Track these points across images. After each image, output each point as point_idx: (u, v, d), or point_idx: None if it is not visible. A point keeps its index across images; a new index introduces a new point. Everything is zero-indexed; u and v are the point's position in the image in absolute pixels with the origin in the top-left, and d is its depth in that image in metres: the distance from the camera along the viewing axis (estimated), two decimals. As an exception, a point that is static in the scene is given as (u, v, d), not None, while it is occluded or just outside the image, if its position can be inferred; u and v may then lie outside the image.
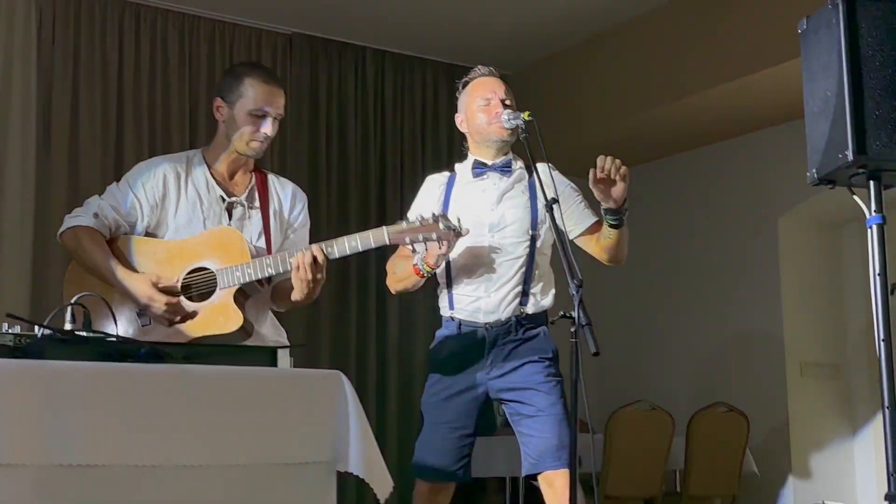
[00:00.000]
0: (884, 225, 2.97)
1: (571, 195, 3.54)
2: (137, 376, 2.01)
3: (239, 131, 3.19)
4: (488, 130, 3.50)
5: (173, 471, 1.99)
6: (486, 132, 3.51)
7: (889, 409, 2.86)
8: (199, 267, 3.04)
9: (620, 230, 3.44)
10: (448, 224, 3.02)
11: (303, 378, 2.22)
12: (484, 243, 3.39)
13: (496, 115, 3.45)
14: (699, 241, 7.13)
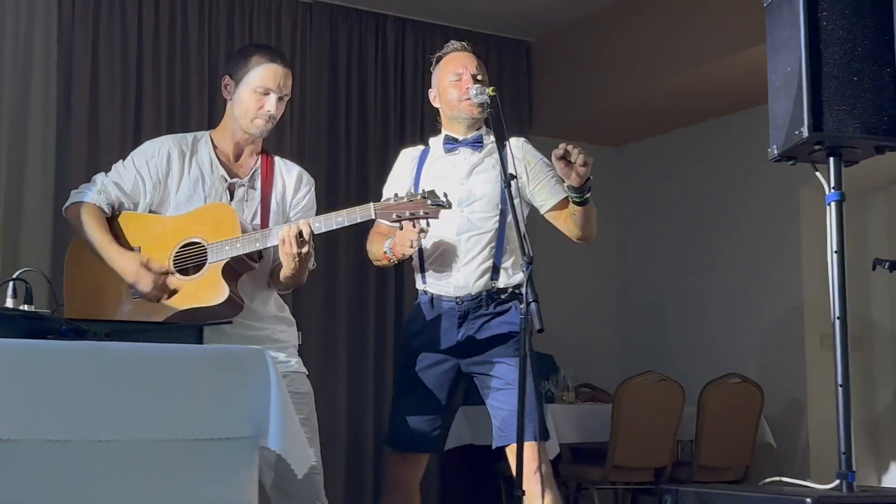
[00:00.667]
0: (842, 202, 2.94)
1: (543, 170, 3.55)
2: (55, 352, 2.07)
3: (244, 109, 3.22)
4: (459, 106, 3.51)
5: (89, 445, 2.05)
6: (456, 108, 3.53)
7: (841, 387, 2.85)
8: (192, 241, 3.09)
9: (585, 208, 3.44)
10: (436, 200, 3.03)
11: (226, 355, 2.27)
12: (453, 218, 3.41)
13: (466, 91, 3.45)
14: (720, 212, 7.08)
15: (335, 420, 6.13)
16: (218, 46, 6.28)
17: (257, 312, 3.19)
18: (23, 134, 5.66)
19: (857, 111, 2.87)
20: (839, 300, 2.91)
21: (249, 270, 3.14)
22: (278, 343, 3.21)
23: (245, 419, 2.22)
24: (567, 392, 6.21)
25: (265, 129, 3.25)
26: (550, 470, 3.46)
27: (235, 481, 2.20)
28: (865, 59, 2.90)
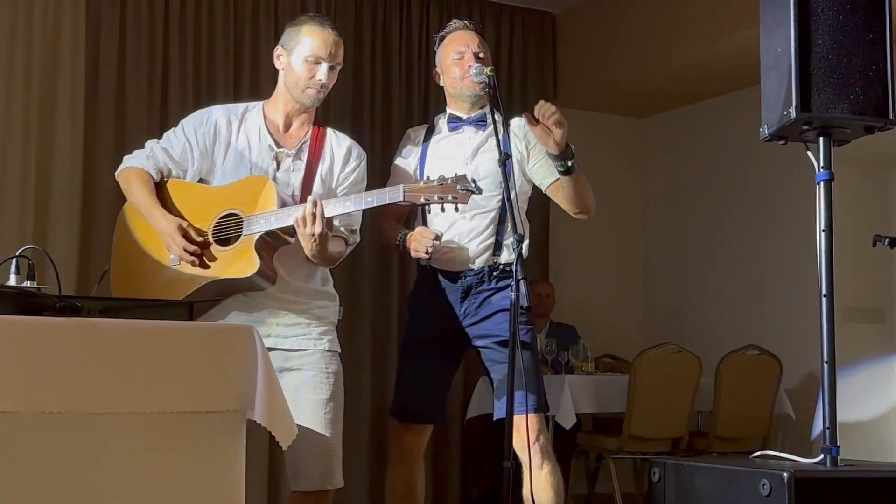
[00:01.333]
0: (831, 182, 2.98)
1: (542, 148, 3.59)
2: (50, 328, 2.17)
3: (296, 78, 3.23)
4: (461, 85, 3.57)
5: (82, 417, 2.16)
6: (458, 86, 3.58)
7: (826, 363, 2.90)
8: (231, 213, 3.13)
9: (573, 178, 3.48)
10: (466, 186, 3.03)
11: (214, 332, 2.37)
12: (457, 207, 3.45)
13: (468, 69, 3.51)
14: (743, 183, 7.09)
15: (360, 393, 6.22)
16: (243, 21, 6.37)
17: (298, 287, 3.21)
18: (51, 110, 5.78)
19: (847, 92, 2.90)
20: (826, 278, 2.94)
21: (285, 245, 3.14)
22: (317, 319, 3.24)
23: (232, 393, 2.31)
24: (586, 363, 6.27)
25: (317, 99, 3.26)
26: (549, 441, 3.54)
27: (223, 453, 2.30)
28: (856, 40, 2.92)
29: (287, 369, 3.13)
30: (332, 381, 3.19)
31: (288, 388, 3.08)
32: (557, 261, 7.48)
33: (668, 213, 7.78)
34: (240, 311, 3.15)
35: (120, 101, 5.99)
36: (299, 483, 3.12)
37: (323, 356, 3.20)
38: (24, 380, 2.12)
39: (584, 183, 3.55)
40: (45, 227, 5.71)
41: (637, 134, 7.96)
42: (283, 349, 3.15)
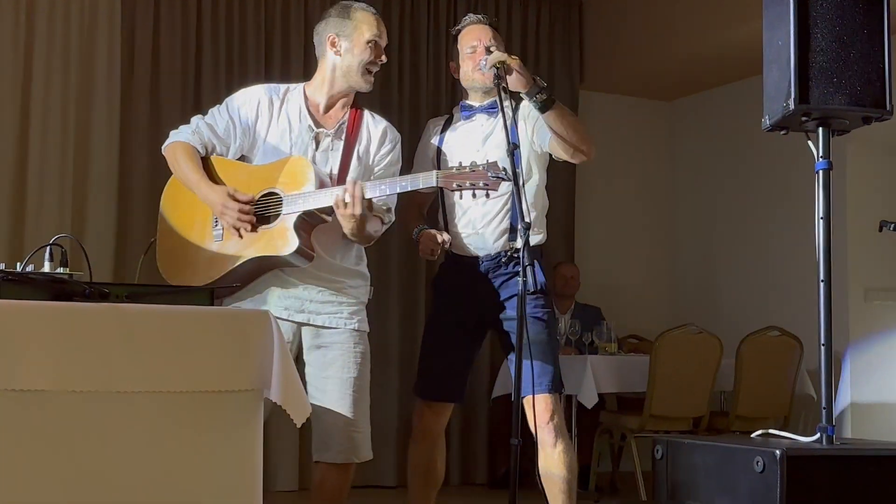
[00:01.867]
0: (830, 171, 3.08)
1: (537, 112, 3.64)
2: (80, 313, 2.34)
3: (359, 63, 3.35)
4: (472, 77, 3.69)
5: (110, 396, 2.32)
6: (470, 79, 3.70)
7: (823, 346, 3.01)
8: (271, 191, 3.26)
9: (553, 112, 3.52)
10: (496, 173, 3.12)
11: (233, 316, 2.53)
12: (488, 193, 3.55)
13: (478, 62, 3.62)
14: (769, 165, 7.15)
15: (388, 372, 6.38)
16: (274, 5, 6.50)
17: (333, 265, 3.34)
18: (88, 97, 5.97)
19: (844, 83, 3.00)
20: (824, 264, 3.06)
21: (322, 223, 3.26)
22: (349, 298, 3.36)
23: (250, 374, 2.47)
24: (610, 343, 6.39)
25: (371, 83, 3.40)
26: (563, 421, 3.66)
27: (241, 430, 2.46)
28: (854, 34, 3.02)
29: (317, 346, 3.28)
30: (359, 361, 3.32)
31: (317, 366, 3.26)
32: (584, 242, 7.59)
33: (694, 195, 7.86)
34: (276, 286, 3.29)
35: (154, 86, 6.16)
36: (324, 455, 3.27)
37: (351, 336, 3.33)
38: (56, 361, 2.28)
39: (566, 116, 3.58)
40: (83, 213, 5.91)
41: (664, 117, 8.04)
42: (315, 325, 3.29)
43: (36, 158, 5.82)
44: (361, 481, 6.44)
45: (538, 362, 3.56)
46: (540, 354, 3.58)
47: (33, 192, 5.79)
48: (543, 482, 3.58)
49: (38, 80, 5.86)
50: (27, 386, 2.25)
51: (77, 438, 2.29)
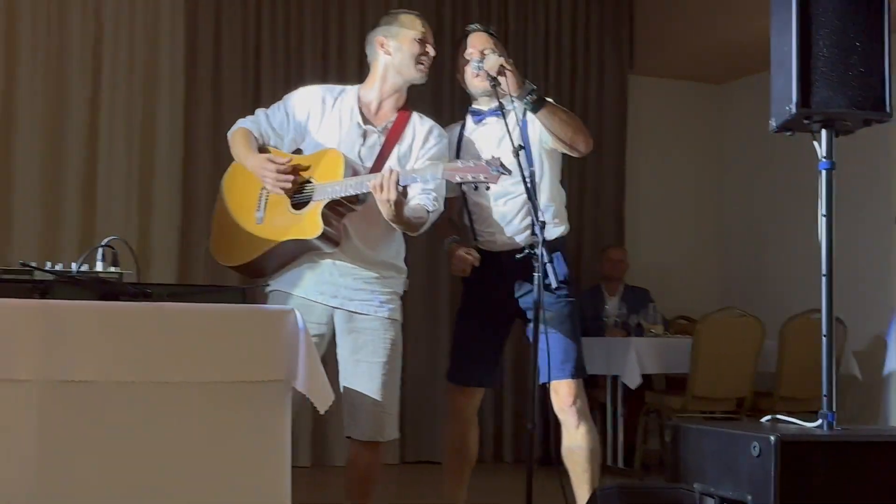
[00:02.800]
0: (832, 170, 3.24)
1: None
2: (126, 311, 2.61)
3: (409, 57, 3.60)
4: (472, 83, 3.89)
5: (153, 386, 2.59)
6: (470, 85, 3.91)
7: (825, 336, 3.18)
8: (307, 180, 3.52)
9: (544, 112, 3.73)
10: (496, 168, 3.32)
11: (263, 313, 2.79)
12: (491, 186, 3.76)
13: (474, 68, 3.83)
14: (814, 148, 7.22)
15: (437, 362, 6.62)
16: (330, 3, 6.75)
17: (367, 255, 3.56)
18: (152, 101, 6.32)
19: (846, 88, 3.15)
20: (826, 259, 3.22)
21: (350, 211, 3.50)
22: (381, 288, 3.58)
23: (278, 365, 2.72)
24: (656, 325, 6.56)
25: (425, 75, 3.63)
26: (585, 405, 3.86)
27: (271, 416, 2.72)
28: (855, 40, 3.16)
29: (349, 330, 3.53)
30: (388, 347, 3.55)
31: (348, 349, 3.52)
32: (634, 225, 7.76)
33: (743, 178, 7.96)
34: (313, 271, 3.55)
35: (217, 88, 6.48)
36: (353, 431, 3.52)
37: (382, 323, 3.56)
38: (104, 354, 2.55)
39: (557, 114, 3.78)
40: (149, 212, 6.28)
41: (713, 100, 8.13)
42: (348, 310, 3.53)
43: (104, 162, 6.19)
44: (414, 457, 6.75)
45: (561, 348, 3.77)
46: (562, 342, 3.79)
47: (102, 193, 6.17)
48: (567, 462, 3.80)
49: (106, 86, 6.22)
50: (80, 377, 2.53)
51: (124, 423, 2.57)
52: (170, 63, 6.35)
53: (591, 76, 7.63)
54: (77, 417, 2.53)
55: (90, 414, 2.54)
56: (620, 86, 7.72)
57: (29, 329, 2.49)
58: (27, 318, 2.50)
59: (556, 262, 3.85)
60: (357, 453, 3.55)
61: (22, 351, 2.48)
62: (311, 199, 3.45)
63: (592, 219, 7.50)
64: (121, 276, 2.87)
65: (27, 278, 2.64)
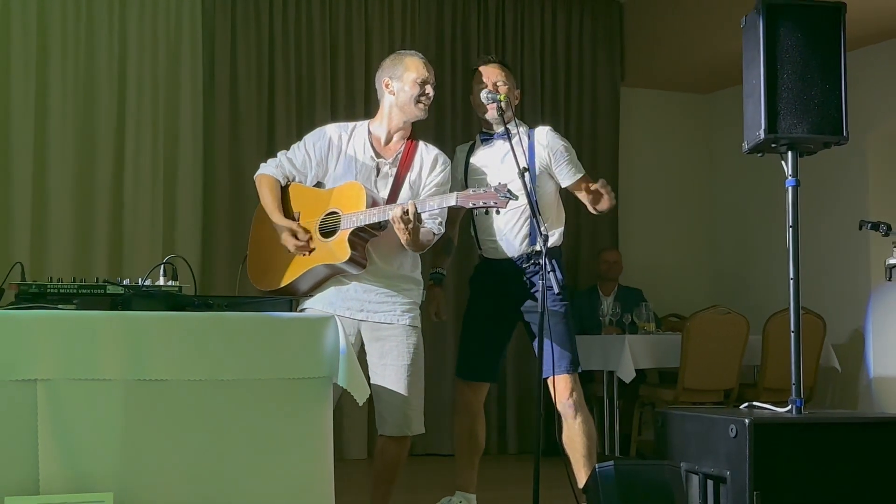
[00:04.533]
0: (798, 187, 3.70)
1: (563, 154, 4.35)
2: (191, 319, 3.06)
3: (409, 97, 4.04)
4: (482, 110, 4.36)
5: (215, 383, 3.04)
6: (481, 111, 4.37)
7: (794, 332, 3.64)
8: (333, 211, 3.96)
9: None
10: (505, 193, 3.72)
11: (307, 319, 3.24)
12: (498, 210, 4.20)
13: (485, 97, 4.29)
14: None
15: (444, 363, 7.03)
16: (338, 27, 7.22)
17: (390, 272, 3.98)
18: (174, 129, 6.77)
19: (807, 115, 3.61)
20: (793, 265, 3.67)
21: (373, 238, 3.93)
22: (402, 299, 4.00)
23: (321, 364, 3.16)
24: (648, 323, 7.02)
25: (425, 111, 4.07)
26: (581, 396, 4.32)
27: (316, 408, 3.16)
28: (816, 73, 3.63)
29: (376, 339, 3.98)
30: (411, 351, 4.00)
31: (376, 355, 3.96)
32: (628, 228, 8.21)
33: (731, 183, 8.42)
34: (341, 290, 3.99)
35: (234, 117, 6.92)
36: (384, 428, 3.98)
37: (405, 330, 4.01)
38: (175, 356, 2.99)
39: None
40: (172, 230, 6.72)
41: (702, 109, 8.59)
42: (374, 321, 3.98)
43: (130, 182, 6.62)
44: (422, 450, 7.19)
45: (557, 347, 4.23)
46: (558, 341, 4.25)
47: (129, 211, 6.60)
48: (566, 449, 4.27)
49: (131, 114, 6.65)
50: (157, 377, 2.97)
51: (192, 416, 3.01)
52: (191, 86, 6.78)
53: (585, 89, 8.09)
54: (155, 410, 2.97)
55: (165, 407, 2.98)
56: (613, 97, 8.18)
57: (113, 336, 2.93)
58: (111, 326, 2.95)
59: (556, 269, 4.31)
60: (384, 446, 4.00)
61: (108, 354, 2.92)
62: (338, 227, 3.89)
63: (588, 223, 7.92)
64: (180, 289, 3.32)
65: (102, 293, 3.10)
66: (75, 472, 2.87)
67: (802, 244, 7.54)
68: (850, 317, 7.22)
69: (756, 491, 3.34)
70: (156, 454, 2.97)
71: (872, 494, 3.46)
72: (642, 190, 8.42)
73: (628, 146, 8.27)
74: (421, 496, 4.95)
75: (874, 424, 3.66)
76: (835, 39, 3.65)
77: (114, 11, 6.60)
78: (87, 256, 6.48)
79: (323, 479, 3.19)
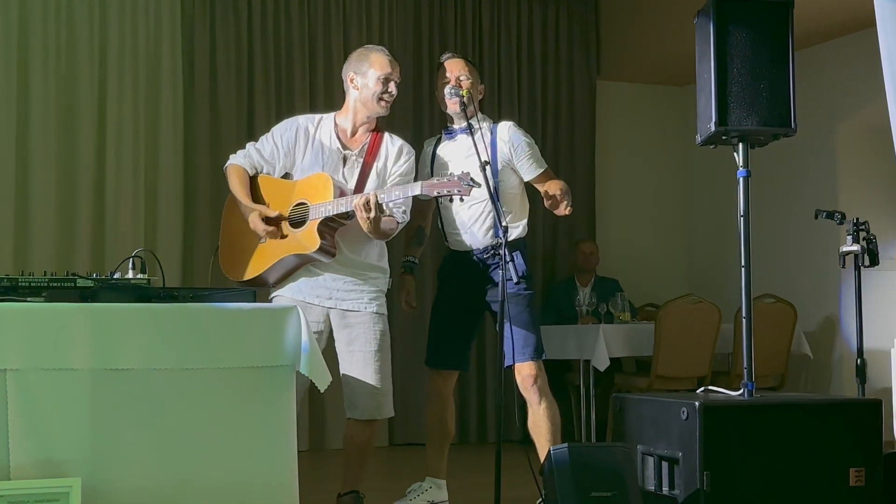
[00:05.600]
0: (748, 178, 3.82)
1: (524, 150, 4.44)
2: (157, 310, 3.18)
3: (371, 94, 4.17)
4: (446, 104, 4.47)
5: (182, 372, 3.15)
6: (445, 105, 4.48)
7: (745, 318, 3.77)
8: (301, 202, 4.10)
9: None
10: (467, 181, 3.87)
11: (271, 310, 3.36)
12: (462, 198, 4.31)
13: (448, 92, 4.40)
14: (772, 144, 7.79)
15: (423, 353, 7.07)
16: (316, 26, 7.33)
17: (356, 261, 4.13)
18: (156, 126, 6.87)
19: (756, 108, 3.74)
20: (745, 252, 3.79)
21: (341, 227, 4.06)
22: (369, 287, 4.14)
23: (285, 352, 3.28)
24: (623, 312, 7.14)
25: (387, 108, 4.20)
26: (546, 383, 4.44)
27: (279, 395, 3.28)
28: (765, 68, 3.75)
29: (344, 326, 4.11)
30: (378, 338, 4.14)
31: (344, 342, 4.09)
32: (605, 219, 8.34)
33: (706, 174, 8.53)
34: (310, 278, 4.12)
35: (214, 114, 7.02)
36: (353, 412, 4.11)
37: (371, 317, 4.14)
38: (141, 346, 3.10)
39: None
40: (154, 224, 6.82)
41: (677, 101, 8.68)
42: (342, 309, 4.11)
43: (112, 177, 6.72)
44: (403, 440, 7.32)
45: (521, 335, 4.35)
46: (522, 329, 4.36)
47: (111, 210, 6.70)
48: (532, 434, 4.40)
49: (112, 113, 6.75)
50: (123, 366, 3.09)
51: (159, 403, 3.12)
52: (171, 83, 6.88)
53: (562, 83, 8.20)
54: (122, 398, 3.08)
55: (132, 396, 3.09)
56: (589, 90, 8.29)
57: (81, 326, 3.05)
58: (79, 317, 3.06)
59: (517, 260, 4.42)
60: (354, 431, 4.13)
61: (76, 345, 3.03)
62: (307, 217, 4.01)
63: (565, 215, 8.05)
64: (149, 282, 3.43)
65: (71, 286, 3.22)
66: (45, 458, 2.98)
67: (774, 232, 7.78)
68: (820, 304, 7.34)
69: (706, 471, 3.47)
70: (123, 441, 3.08)
71: (818, 473, 3.59)
72: (619, 182, 8.55)
73: (605, 139, 8.39)
74: (395, 483, 5.07)
75: (819, 406, 3.80)
76: (783, 35, 3.77)
77: (94, 10, 6.70)
78: (70, 252, 6.57)
79: (286, 463, 3.30)
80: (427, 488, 4.61)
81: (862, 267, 4.78)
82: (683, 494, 3.53)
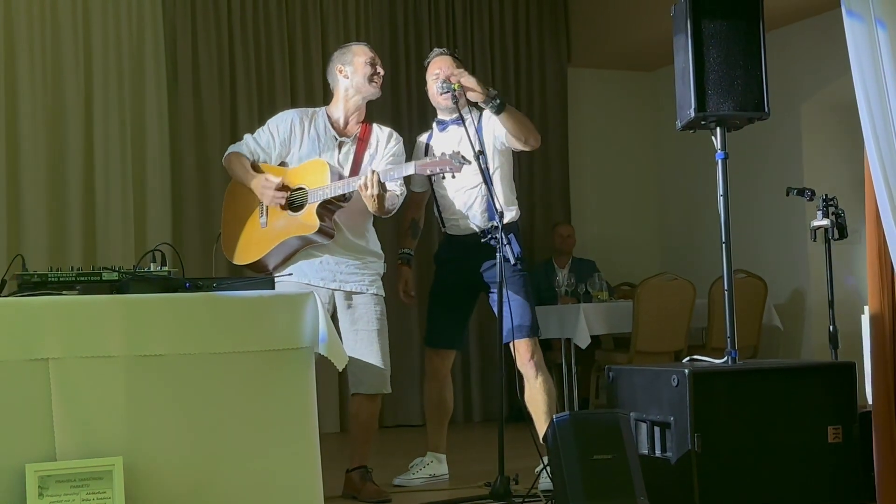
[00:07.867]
0: (727, 159, 4.08)
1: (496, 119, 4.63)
2: (184, 300, 3.38)
3: (362, 77, 4.46)
4: (436, 99, 4.71)
5: (208, 356, 3.35)
6: (435, 100, 4.72)
7: (727, 291, 4.03)
8: (300, 187, 4.33)
9: (504, 114, 4.51)
10: (458, 159, 4.14)
11: (289, 296, 3.56)
12: (451, 180, 4.55)
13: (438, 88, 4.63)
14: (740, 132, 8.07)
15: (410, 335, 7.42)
16: (295, 23, 7.53)
17: (356, 244, 4.42)
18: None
19: (732, 94, 4.00)
20: (725, 230, 4.06)
21: (339, 209, 4.32)
22: (369, 270, 4.44)
23: (303, 335, 3.48)
24: (601, 292, 7.40)
25: (378, 88, 4.50)
26: (541, 359, 4.69)
27: (300, 375, 3.47)
28: (738, 56, 4.01)
29: (347, 307, 4.38)
30: (379, 317, 4.45)
31: (348, 322, 4.36)
32: (579, 202, 8.60)
33: (676, 156, 8.80)
34: (315, 261, 4.37)
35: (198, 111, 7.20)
36: (360, 388, 4.40)
37: (372, 298, 4.43)
38: (171, 333, 3.30)
39: (516, 116, 4.59)
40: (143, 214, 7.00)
41: (647, 86, 8.95)
42: (346, 290, 4.37)
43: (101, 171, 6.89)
44: (392, 422, 7.54)
45: (518, 314, 4.59)
46: (519, 308, 4.61)
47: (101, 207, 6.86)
48: (529, 407, 4.64)
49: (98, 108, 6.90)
50: (155, 352, 3.28)
51: (188, 386, 3.32)
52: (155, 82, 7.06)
53: (533, 70, 8.44)
54: (155, 382, 3.27)
55: (164, 379, 3.29)
56: (560, 78, 8.54)
57: (115, 316, 3.25)
58: (113, 308, 3.26)
59: (512, 242, 4.66)
60: (360, 407, 4.39)
61: (111, 333, 3.23)
62: (306, 201, 4.24)
63: (542, 199, 8.32)
64: (170, 273, 3.64)
65: (98, 279, 3.42)
66: (87, 439, 3.17)
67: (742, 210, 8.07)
68: (789, 278, 7.64)
69: (697, 433, 3.73)
70: (157, 421, 3.28)
71: (799, 431, 3.87)
72: (592, 166, 8.81)
73: (577, 125, 8.65)
74: (393, 461, 5.29)
75: (798, 369, 4.08)
76: (755, 24, 4.03)
77: (77, 12, 6.85)
78: (62, 249, 6.73)
79: (308, 436, 3.50)
80: (429, 462, 4.86)
81: (832, 240, 5.05)
82: (676, 456, 3.79)
